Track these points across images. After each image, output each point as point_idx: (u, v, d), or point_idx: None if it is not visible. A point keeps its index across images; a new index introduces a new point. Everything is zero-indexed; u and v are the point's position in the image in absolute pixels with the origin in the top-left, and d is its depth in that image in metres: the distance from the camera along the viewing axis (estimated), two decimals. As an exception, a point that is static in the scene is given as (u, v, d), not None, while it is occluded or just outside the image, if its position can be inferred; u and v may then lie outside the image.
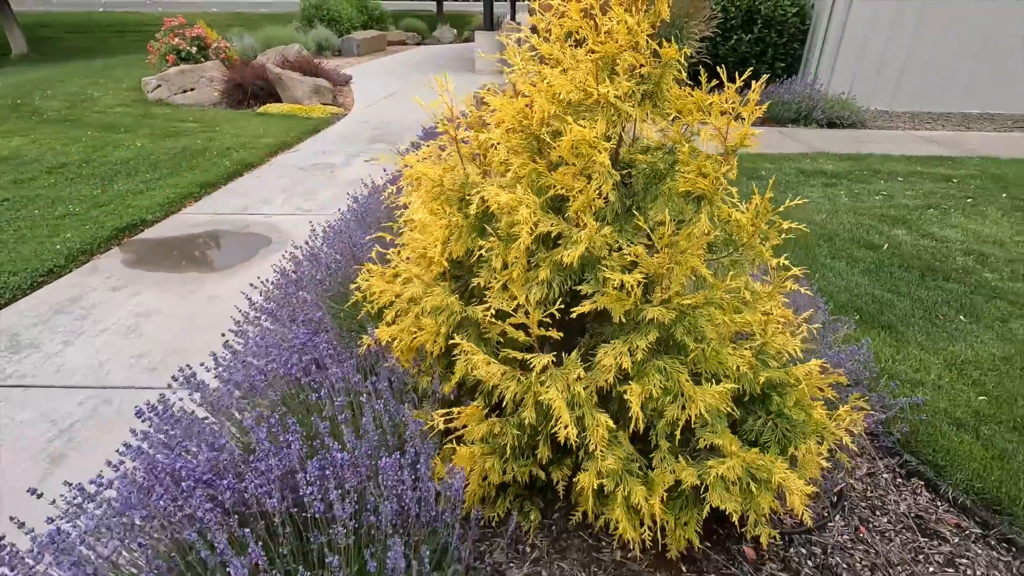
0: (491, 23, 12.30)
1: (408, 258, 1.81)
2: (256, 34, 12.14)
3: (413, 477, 1.26)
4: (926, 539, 1.89)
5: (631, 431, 1.59)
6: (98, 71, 11.41)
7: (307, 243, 2.65)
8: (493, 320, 1.54)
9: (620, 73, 1.56)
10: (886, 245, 3.86)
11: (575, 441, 1.40)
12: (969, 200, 4.74)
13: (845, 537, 1.89)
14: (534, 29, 1.74)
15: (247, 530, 1.05)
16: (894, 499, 2.05)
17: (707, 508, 1.55)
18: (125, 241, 3.81)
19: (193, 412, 1.67)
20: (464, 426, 1.62)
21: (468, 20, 25.05)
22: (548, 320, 1.48)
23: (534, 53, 1.67)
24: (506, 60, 1.87)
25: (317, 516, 1.20)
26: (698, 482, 1.53)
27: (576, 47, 1.71)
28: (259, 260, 3.55)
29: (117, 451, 1.47)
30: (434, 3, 25.19)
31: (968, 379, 2.55)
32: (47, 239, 3.66)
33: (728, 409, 1.56)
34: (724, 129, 1.43)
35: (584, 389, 1.42)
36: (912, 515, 1.98)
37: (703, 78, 1.52)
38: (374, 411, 1.41)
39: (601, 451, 1.47)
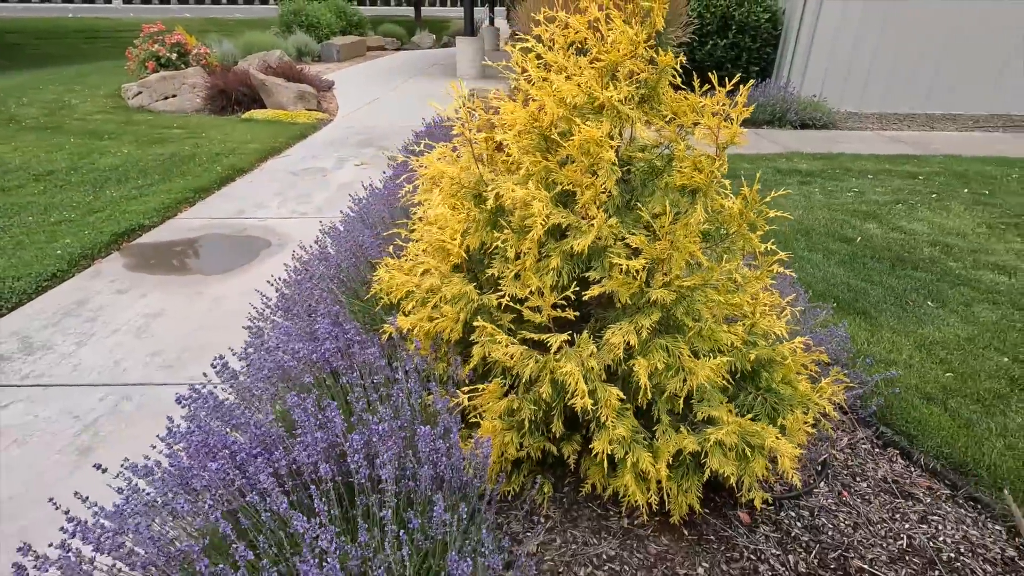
0: (472, 29, 12.46)
1: (424, 251, 1.94)
2: (235, 40, 12.11)
3: (447, 445, 1.39)
4: (902, 500, 2.08)
5: (635, 406, 1.75)
6: (73, 78, 11.28)
7: (316, 242, 2.75)
8: (511, 304, 1.68)
9: (620, 79, 1.72)
10: (859, 238, 4.10)
11: (591, 410, 1.55)
12: (934, 196, 5.03)
13: (830, 501, 2.06)
14: (539, 39, 1.89)
15: (313, 488, 1.17)
16: (872, 467, 2.23)
17: (707, 472, 1.70)
18: (125, 246, 3.86)
19: (228, 399, 1.78)
20: (481, 407, 1.75)
21: (446, 25, 25.20)
22: (563, 302, 1.62)
23: (540, 61, 1.82)
24: (511, 67, 2.01)
25: (363, 482, 1.32)
26: (699, 448, 1.69)
27: (578, 55, 1.87)
28: (261, 262, 3.64)
29: (158, 436, 1.57)
30: (412, 9, 25.31)
31: (936, 358, 2.76)
32: (46, 245, 3.70)
33: (724, 382, 1.73)
34: (716, 129, 1.60)
35: (597, 363, 1.57)
36: (889, 480, 2.17)
37: (684, 81, 1.68)
38: (405, 390, 1.53)
39: (612, 421, 1.61)
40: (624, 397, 1.61)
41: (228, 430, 1.59)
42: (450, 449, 1.39)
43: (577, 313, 1.64)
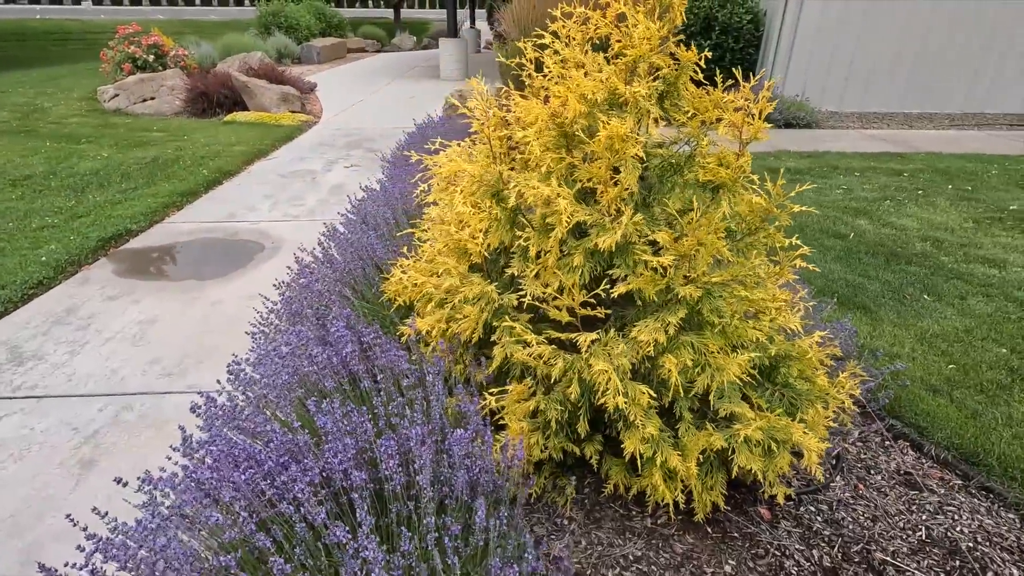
0: (455, 31, 12.42)
1: (440, 251, 1.91)
2: (213, 42, 11.89)
3: (481, 449, 1.36)
4: (916, 492, 2.10)
5: (659, 404, 1.73)
6: (43, 81, 10.98)
7: (320, 245, 2.69)
8: (536, 303, 1.65)
9: (641, 75, 1.71)
10: (852, 234, 4.16)
11: (624, 408, 1.53)
12: (920, 192, 5.13)
13: (847, 494, 2.07)
14: (555, 34, 1.87)
15: (355, 495, 1.13)
16: (884, 459, 2.25)
17: (735, 470, 1.70)
18: (112, 251, 3.74)
19: (244, 408, 1.72)
20: (506, 408, 1.72)
21: (426, 27, 25.12)
22: (592, 300, 1.60)
23: (558, 57, 1.80)
24: (523, 65, 1.99)
25: (396, 489, 1.28)
26: (726, 445, 1.68)
27: (595, 51, 1.86)
28: (256, 265, 3.56)
29: (172, 447, 1.51)
30: (391, 11, 25.16)
31: (937, 350, 2.81)
32: (30, 251, 3.57)
33: (747, 378, 1.72)
34: (740, 125, 1.59)
35: (627, 361, 1.55)
36: (902, 472, 2.19)
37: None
38: (433, 394, 1.49)
39: (641, 420, 1.60)
40: (653, 395, 1.59)
41: (250, 439, 1.53)
42: (484, 453, 1.36)
43: (609, 311, 1.63)
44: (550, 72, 1.71)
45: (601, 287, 1.59)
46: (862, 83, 8.96)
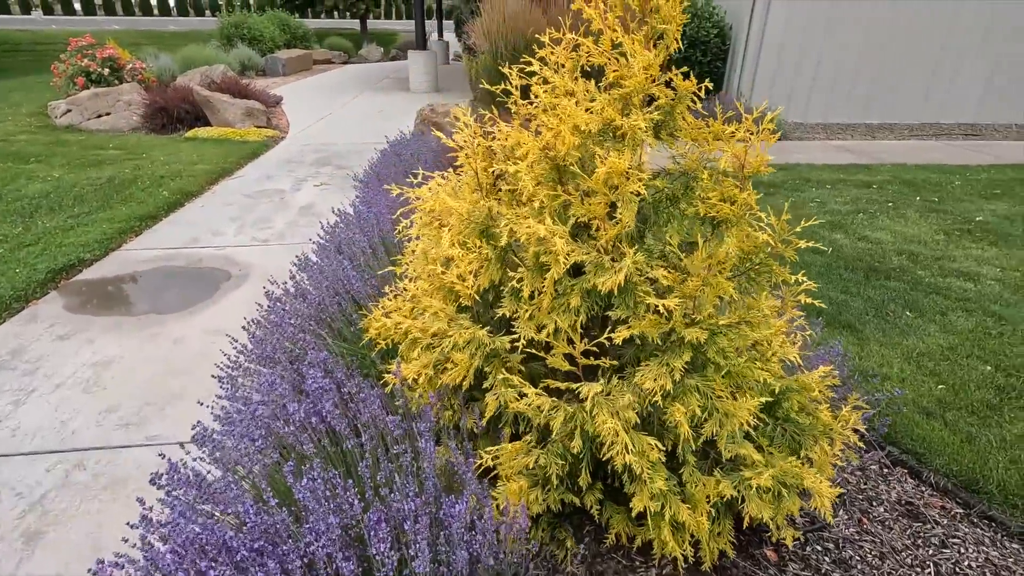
0: (424, 43, 12.30)
1: (425, 291, 1.78)
2: (172, 54, 11.50)
3: (481, 522, 1.24)
4: (919, 524, 2.05)
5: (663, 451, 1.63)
6: (-9, 95, 10.44)
7: (292, 278, 2.53)
8: (534, 351, 1.54)
9: (636, 104, 1.62)
10: (830, 249, 4.17)
11: (637, 467, 1.42)
12: (890, 204, 5.21)
13: (851, 530, 2.01)
14: (543, 61, 1.77)
15: (345, 599, 0.99)
16: (884, 489, 2.20)
17: (746, 518, 1.61)
18: (64, 283, 3.48)
19: (210, 473, 1.56)
20: (504, 463, 1.60)
21: (393, 38, 24.93)
22: (595, 349, 1.49)
23: (548, 85, 1.70)
24: (508, 91, 1.89)
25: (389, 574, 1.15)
26: (736, 493, 1.59)
27: (585, 78, 1.76)
28: (222, 296, 3.35)
29: (130, 524, 1.34)
30: (357, 22, 24.90)
31: (925, 370, 2.79)
32: (-30, 286, 3.29)
33: (755, 421, 1.64)
34: (743, 157, 1.52)
35: (634, 414, 1.45)
36: (903, 502, 2.14)
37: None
38: (425, 456, 1.36)
39: (649, 474, 1.49)
40: (662, 447, 1.49)
41: (217, 513, 1.37)
42: (485, 525, 1.23)
43: (615, 361, 1.52)
44: (539, 100, 1.61)
45: (605, 335, 1.48)
46: (825, 94, 9.17)
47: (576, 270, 1.68)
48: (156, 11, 32.53)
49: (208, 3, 32.81)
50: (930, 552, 1.93)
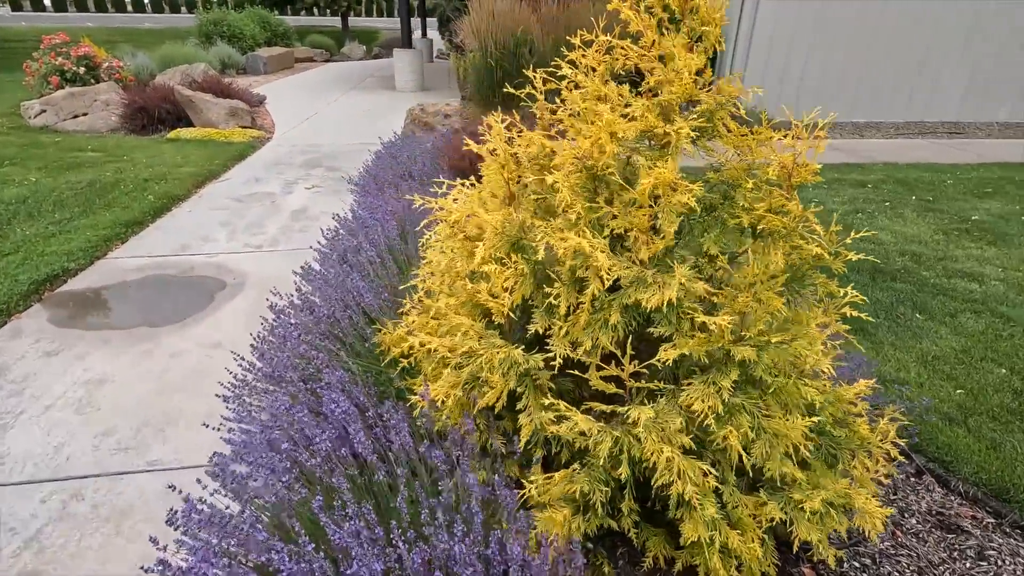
0: (409, 41, 12.13)
1: (448, 305, 1.69)
2: (150, 52, 11.18)
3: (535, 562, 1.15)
4: (953, 535, 2.01)
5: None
6: (-42, 95, 10.03)
7: (298, 291, 2.41)
8: (579, 373, 1.46)
9: (676, 110, 1.55)
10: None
11: (689, 494, 1.34)
12: (887, 204, 5.23)
13: (886, 544, 1.96)
14: (573, 64, 1.68)
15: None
16: (914, 498, 2.16)
17: (796, 543, 1.54)
18: (47, 295, 3.31)
19: (228, 508, 1.45)
20: (540, 485, 1.51)
21: (375, 36, 24.61)
22: (645, 370, 1.42)
23: (581, 91, 1.61)
24: (533, 95, 1.80)
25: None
26: (784, 516, 1.53)
27: (617, 82, 1.68)
28: (218, 307, 3.21)
29: (144, 568, 1.23)
30: (338, 19, 24.54)
31: (942, 374, 2.77)
32: (-54, 300, 3.11)
33: (805, 441, 1.58)
34: (790, 167, 1.45)
35: (686, 439, 1.37)
36: (934, 513, 2.10)
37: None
38: (469, 495, 1.27)
39: (698, 501, 1.42)
40: (715, 473, 1.42)
41: (241, 557, 1.27)
42: (539, 570, 1.15)
43: (660, 384, 1.44)
44: (567, 105, 1.52)
45: (656, 358, 1.40)
46: (813, 93, 9.23)
47: (614, 286, 1.61)
48: (130, 7, 31.71)
49: (184, 0, 32.09)
50: (967, 565, 1.89)
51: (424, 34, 20.37)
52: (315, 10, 25.05)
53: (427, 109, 7.61)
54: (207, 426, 1.98)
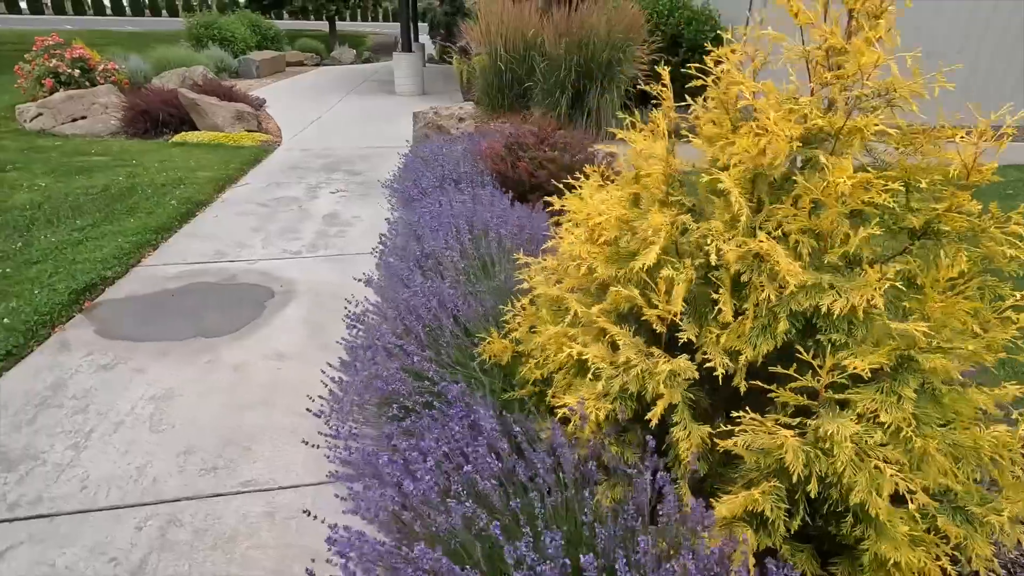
0: (409, 44, 12.02)
1: (600, 311, 1.60)
2: (140, 55, 10.88)
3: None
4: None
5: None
6: (-58, 97, 9.62)
7: (375, 307, 2.30)
8: (763, 384, 1.38)
9: (840, 101, 1.49)
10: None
11: (885, 513, 1.28)
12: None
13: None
14: (718, 60, 1.62)
15: None
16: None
17: (974, 562, 1.48)
18: (88, 306, 3.13)
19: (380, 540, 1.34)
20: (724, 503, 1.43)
21: (362, 40, 24.40)
22: (845, 380, 1.35)
23: (734, 78, 1.54)
24: (662, 89, 1.74)
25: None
26: (962, 533, 1.47)
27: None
28: (271, 316, 3.07)
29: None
30: (326, 23, 24.29)
31: None
32: (-19, 311, 2.92)
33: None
34: (970, 166, 1.40)
35: (898, 452, 1.31)
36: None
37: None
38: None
39: (887, 518, 1.35)
40: (912, 489, 1.35)
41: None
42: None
43: (834, 394, 1.38)
44: (703, 104, 1.46)
45: (844, 372, 1.33)
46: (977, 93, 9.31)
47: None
48: (109, 11, 31.01)
49: (164, 3, 31.50)
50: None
51: (416, 38, 20.28)
52: (301, 14, 24.79)
53: (441, 113, 7.50)
54: (307, 443, 1.86)
